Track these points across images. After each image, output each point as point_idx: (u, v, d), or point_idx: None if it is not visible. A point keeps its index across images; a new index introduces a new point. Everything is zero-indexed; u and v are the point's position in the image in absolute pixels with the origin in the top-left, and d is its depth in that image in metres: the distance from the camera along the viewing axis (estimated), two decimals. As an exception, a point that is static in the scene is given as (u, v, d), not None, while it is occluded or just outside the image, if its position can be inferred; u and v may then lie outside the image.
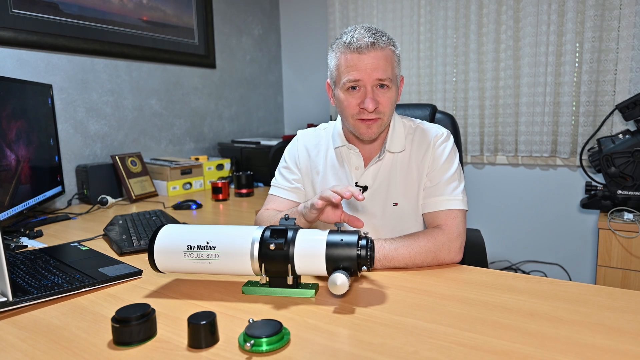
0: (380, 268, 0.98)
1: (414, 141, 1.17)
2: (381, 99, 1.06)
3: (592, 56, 2.03)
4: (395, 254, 0.98)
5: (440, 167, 1.13)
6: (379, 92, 1.05)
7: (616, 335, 0.66)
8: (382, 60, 1.03)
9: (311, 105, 3.03)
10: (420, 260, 0.99)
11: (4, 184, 1.31)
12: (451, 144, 1.16)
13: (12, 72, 1.72)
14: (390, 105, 1.08)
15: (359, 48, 1.02)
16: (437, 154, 1.14)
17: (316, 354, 0.64)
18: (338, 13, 2.75)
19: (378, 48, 1.02)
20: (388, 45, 1.05)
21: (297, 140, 1.29)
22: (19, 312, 0.81)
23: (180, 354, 0.65)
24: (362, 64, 1.02)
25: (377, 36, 1.03)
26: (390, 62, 1.05)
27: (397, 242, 1.00)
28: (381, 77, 1.03)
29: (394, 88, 1.07)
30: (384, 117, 1.09)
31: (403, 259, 0.98)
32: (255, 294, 0.86)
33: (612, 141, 1.82)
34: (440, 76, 2.45)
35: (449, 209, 1.08)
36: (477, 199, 2.48)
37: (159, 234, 0.87)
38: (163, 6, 2.29)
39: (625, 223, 1.70)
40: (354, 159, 1.19)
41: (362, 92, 1.05)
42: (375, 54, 1.02)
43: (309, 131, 1.30)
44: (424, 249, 1.00)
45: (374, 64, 1.02)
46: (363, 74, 1.03)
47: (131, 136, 2.19)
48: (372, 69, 1.02)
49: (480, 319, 0.73)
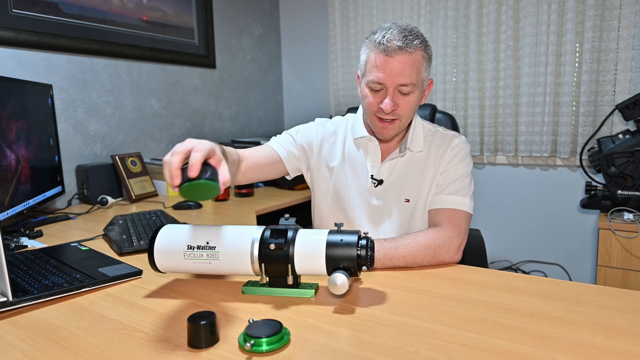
0: (380, 268, 0.98)
1: (433, 143, 1.19)
2: (401, 102, 1.06)
3: (592, 56, 2.03)
4: (395, 252, 0.98)
5: (453, 168, 1.15)
6: (400, 96, 1.06)
7: (616, 335, 0.66)
8: (408, 65, 1.03)
9: (311, 105, 3.03)
10: (420, 258, 0.99)
11: (4, 184, 1.31)
12: (468, 150, 1.19)
13: (12, 72, 1.72)
14: (409, 109, 1.09)
15: (386, 50, 1.02)
16: (453, 155, 1.16)
17: (316, 354, 0.64)
18: (338, 13, 2.75)
19: (406, 53, 1.02)
20: (418, 50, 1.04)
21: (316, 125, 1.29)
22: (19, 312, 0.81)
23: (180, 354, 0.65)
24: (388, 67, 1.03)
25: (409, 40, 1.02)
26: (416, 67, 1.04)
27: (397, 241, 1.01)
28: (405, 82, 1.03)
29: (416, 92, 1.07)
30: (402, 120, 1.10)
31: (403, 257, 0.99)
32: (255, 294, 0.86)
33: (612, 141, 1.82)
34: (440, 76, 2.45)
35: (455, 208, 1.10)
36: (477, 199, 2.47)
37: (159, 234, 0.87)
38: (163, 6, 2.29)
39: (625, 223, 1.70)
40: (372, 151, 1.20)
41: (383, 93, 1.06)
42: (402, 59, 1.02)
43: (326, 121, 1.30)
44: (424, 247, 1.00)
45: (399, 68, 1.02)
46: (387, 78, 1.03)
47: (131, 136, 2.19)
48: (397, 74, 1.03)
49: (480, 319, 0.73)
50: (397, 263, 0.99)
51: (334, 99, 2.90)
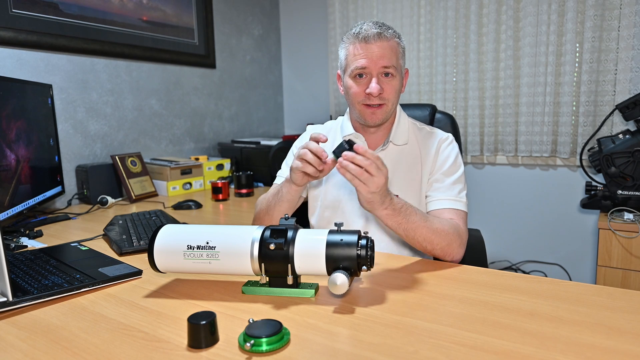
0: (393, 222, 0.97)
1: (419, 138, 1.23)
2: (386, 86, 1.11)
3: (592, 56, 2.03)
4: (417, 217, 1.00)
5: (447, 169, 1.18)
6: (384, 80, 1.12)
7: (616, 335, 0.66)
8: (387, 49, 1.10)
9: (311, 105, 3.03)
10: (437, 241, 1.01)
11: (4, 184, 1.31)
12: (457, 148, 1.23)
13: (12, 72, 1.72)
14: (394, 93, 1.14)
15: (366, 37, 1.09)
16: (445, 155, 1.19)
17: (316, 354, 0.64)
18: (338, 13, 2.75)
19: (384, 38, 1.10)
20: (394, 37, 1.12)
21: (307, 133, 1.34)
22: (19, 312, 0.81)
23: (180, 354, 0.65)
24: (369, 52, 1.09)
25: (384, 28, 1.11)
26: (395, 52, 1.11)
27: (425, 215, 1.04)
28: (386, 64, 1.09)
29: (398, 77, 1.14)
30: (389, 104, 1.14)
31: (419, 219, 1.00)
32: (255, 293, 0.86)
33: (612, 141, 1.82)
34: (440, 76, 2.45)
35: (456, 208, 1.13)
36: (477, 199, 2.48)
37: (159, 234, 0.87)
38: (163, 6, 2.29)
39: (625, 223, 1.70)
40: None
41: (368, 79, 1.11)
42: (382, 44, 1.09)
43: (318, 125, 1.36)
44: (444, 233, 1.03)
45: (380, 52, 1.09)
46: (369, 61, 1.09)
47: (131, 136, 2.19)
48: (378, 57, 1.09)
49: (480, 319, 0.73)
50: (411, 226, 0.99)
51: (334, 99, 2.90)
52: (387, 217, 0.98)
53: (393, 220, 0.99)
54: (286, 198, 1.10)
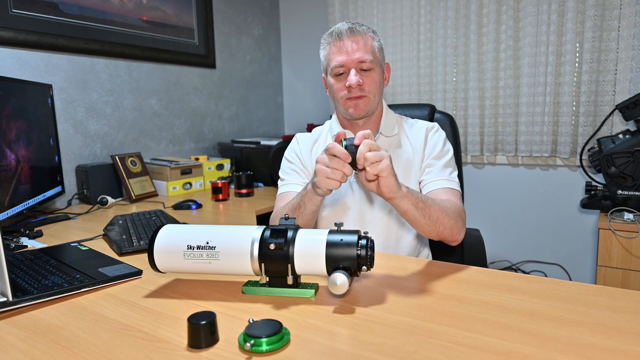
0: (405, 194, 0.96)
1: (407, 129, 1.27)
2: (365, 79, 1.14)
3: (592, 56, 2.03)
4: (424, 195, 1.02)
5: (438, 153, 1.22)
6: (363, 74, 1.14)
7: (616, 335, 0.66)
8: (361, 44, 1.14)
9: (311, 105, 3.03)
10: (447, 219, 1.03)
11: (4, 184, 1.31)
12: (444, 135, 1.27)
13: (12, 72, 1.72)
14: (374, 85, 1.16)
15: (339, 34, 1.15)
16: (434, 142, 1.23)
17: (316, 354, 0.64)
18: (338, 13, 2.75)
19: (357, 33, 1.14)
20: (367, 33, 1.16)
21: (296, 140, 1.35)
22: (19, 312, 0.81)
23: (180, 354, 0.65)
24: (344, 48, 1.14)
25: (356, 25, 1.15)
26: (369, 46, 1.15)
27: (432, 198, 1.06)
28: (362, 58, 1.13)
29: (377, 70, 1.16)
30: (370, 96, 1.16)
31: (431, 201, 1.02)
32: (255, 294, 0.86)
33: (612, 141, 1.82)
34: (440, 76, 2.45)
35: (452, 187, 1.16)
36: (477, 199, 2.48)
37: (159, 234, 0.87)
38: (163, 6, 2.29)
39: (626, 223, 1.70)
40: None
41: (347, 75, 1.15)
42: (354, 39, 1.14)
43: (306, 133, 1.38)
44: (454, 212, 1.06)
45: (353, 47, 1.13)
46: (345, 56, 1.13)
47: (131, 136, 2.19)
48: (353, 52, 1.13)
49: (480, 319, 0.73)
50: (423, 204, 1.00)
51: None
52: (406, 201, 0.97)
53: (412, 202, 0.97)
54: (310, 210, 1.07)
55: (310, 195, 1.03)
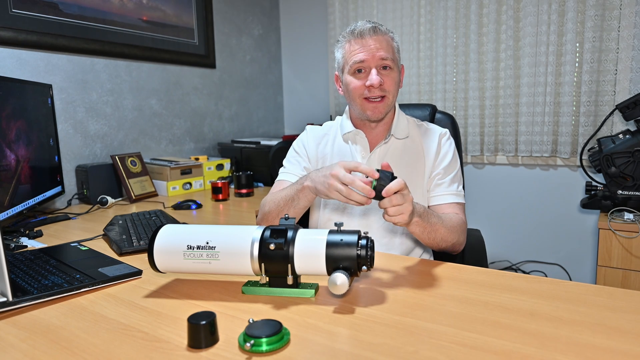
0: (416, 221, 0.98)
1: (420, 132, 1.26)
2: (385, 78, 1.14)
3: (592, 56, 2.03)
4: (430, 213, 1.04)
5: (448, 164, 1.22)
6: (383, 72, 1.14)
7: (616, 335, 0.66)
8: (383, 42, 1.14)
9: (311, 105, 3.03)
10: (454, 235, 1.07)
11: (4, 184, 1.31)
12: (454, 143, 1.27)
13: (12, 72, 1.72)
14: (394, 85, 1.16)
15: (362, 33, 1.13)
16: (445, 150, 1.24)
17: (316, 354, 0.64)
18: (338, 13, 2.75)
19: (379, 32, 1.14)
20: (388, 33, 1.17)
21: (306, 131, 1.35)
22: (19, 312, 0.81)
23: (180, 354, 0.65)
24: (366, 46, 1.13)
25: (377, 25, 1.15)
26: (390, 45, 1.16)
27: (439, 215, 1.09)
28: (384, 56, 1.13)
29: (396, 70, 1.17)
30: (389, 96, 1.16)
31: (437, 220, 1.04)
32: (255, 294, 0.86)
33: (612, 141, 1.82)
34: (440, 76, 2.45)
35: (458, 202, 1.19)
36: (477, 199, 2.48)
37: (159, 234, 0.87)
38: (163, 6, 2.29)
39: (626, 223, 1.70)
40: (360, 142, 1.25)
41: (367, 73, 1.14)
42: (377, 38, 1.13)
43: (317, 126, 1.38)
44: (458, 228, 1.10)
45: (376, 45, 1.13)
46: (367, 54, 1.12)
47: (131, 136, 2.19)
48: (376, 50, 1.13)
49: (480, 319, 0.73)
50: (433, 228, 1.03)
51: (334, 99, 2.90)
52: (415, 226, 1.00)
53: (420, 227, 1.01)
54: (302, 205, 1.08)
55: (307, 193, 1.04)
